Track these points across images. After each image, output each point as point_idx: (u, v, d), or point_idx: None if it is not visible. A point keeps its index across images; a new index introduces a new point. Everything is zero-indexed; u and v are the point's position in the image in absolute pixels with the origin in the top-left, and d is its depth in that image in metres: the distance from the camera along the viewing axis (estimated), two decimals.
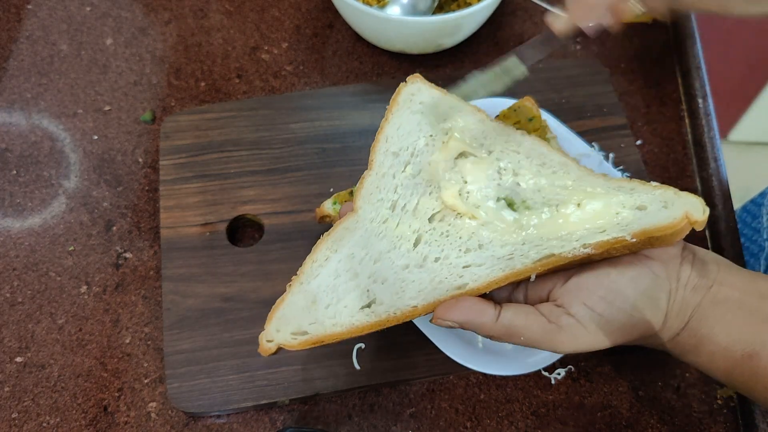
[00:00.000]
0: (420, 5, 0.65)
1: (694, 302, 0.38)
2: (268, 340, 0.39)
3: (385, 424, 0.50)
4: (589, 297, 0.37)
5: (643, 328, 0.37)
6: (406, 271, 0.40)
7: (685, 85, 0.68)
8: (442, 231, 0.40)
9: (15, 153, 0.62)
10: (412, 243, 0.40)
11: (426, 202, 0.41)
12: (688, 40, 0.69)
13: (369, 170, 0.43)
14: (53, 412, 0.50)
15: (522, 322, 0.37)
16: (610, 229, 0.37)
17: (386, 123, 0.44)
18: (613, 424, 0.51)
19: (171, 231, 0.56)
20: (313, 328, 0.39)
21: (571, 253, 0.37)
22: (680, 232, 0.36)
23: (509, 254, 0.39)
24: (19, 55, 0.68)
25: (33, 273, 0.56)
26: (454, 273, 0.39)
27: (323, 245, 0.41)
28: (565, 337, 0.37)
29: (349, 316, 0.39)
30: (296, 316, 0.39)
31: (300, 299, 0.40)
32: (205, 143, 0.60)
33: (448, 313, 0.37)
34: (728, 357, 0.37)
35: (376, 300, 0.39)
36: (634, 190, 0.38)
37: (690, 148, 0.64)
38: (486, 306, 0.37)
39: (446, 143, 0.43)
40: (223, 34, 0.70)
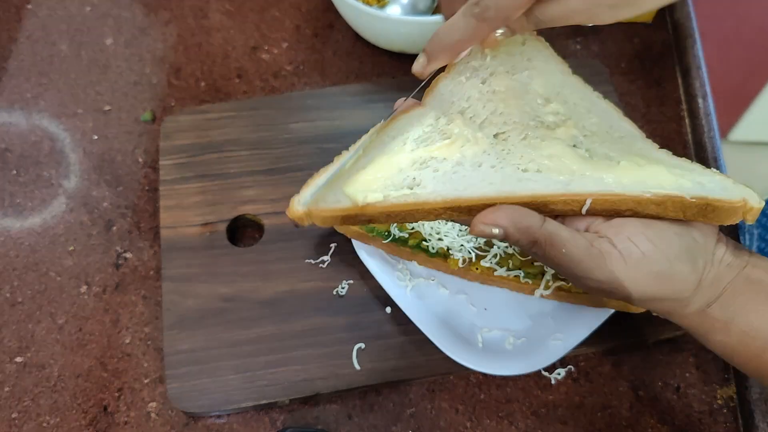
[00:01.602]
0: (420, 5, 0.65)
1: (729, 277, 0.37)
2: (300, 202, 0.38)
3: (385, 424, 0.50)
4: (635, 234, 0.36)
5: (678, 283, 0.37)
6: (458, 166, 0.39)
7: (685, 85, 0.68)
8: (504, 148, 0.40)
9: (15, 153, 0.62)
10: (471, 148, 0.40)
11: (496, 120, 0.41)
12: (688, 40, 0.69)
13: (445, 74, 0.43)
14: (53, 412, 0.50)
15: (567, 235, 0.36)
16: (670, 188, 0.37)
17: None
18: (613, 424, 0.51)
19: (171, 231, 0.56)
20: (347, 197, 0.38)
21: (630, 193, 0.36)
22: (735, 213, 0.36)
23: (566, 180, 0.38)
24: (19, 55, 0.68)
25: (33, 273, 0.56)
26: (508, 180, 0.38)
27: (385, 130, 0.40)
28: (604, 264, 0.36)
29: (390, 191, 0.38)
30: (335, 186, 0.38)
31: (344, 171, 0.39)
32: (205, 143, 0.60)
33: (492, 217, 0.36)
34: (758, 338, 0.37)
35: (421, 183, 0.38)
36: (695, 170, 0.38)
37: (690, 148, 0.64)
38: (530, 211, 0.36)
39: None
40: (223, 34, 0.70)
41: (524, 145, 0.40)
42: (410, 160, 0.39)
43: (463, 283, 0.53)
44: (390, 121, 0.41)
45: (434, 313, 0.51)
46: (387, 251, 0.53)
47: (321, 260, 0.55)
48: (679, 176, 0.38)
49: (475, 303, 0.52)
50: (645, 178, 0.37)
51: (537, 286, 0.51)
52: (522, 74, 0.43)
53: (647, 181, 0.37)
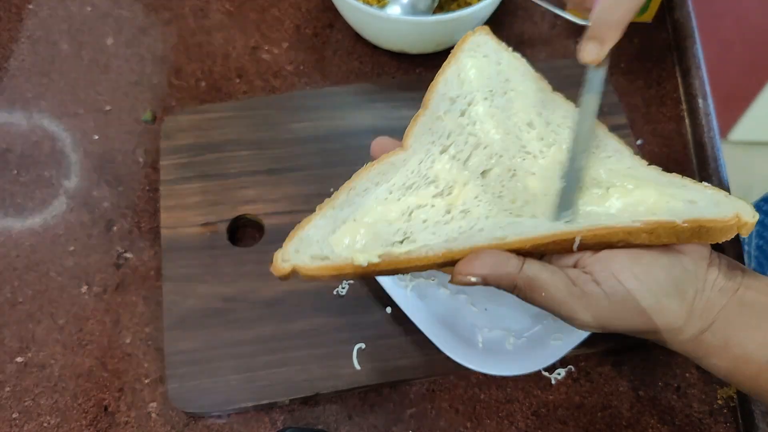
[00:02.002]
0: (420, 5, 0.65)
1: (721, 303, 0.37)
2: (284, 259, 0.37)
3: (385, 424, 0.50)
4: (620, 271, 0.36)
5: (666, 317, 0.36)
6: (448, 215, 0.38)
7: (685, 85, 0.68)
8: (494, 191, 0.39)
9: (15, 153, 0.62)
10: (459, 192, 0.39)
11: (480, 155, 0.40)
12: (688, 40, 0.69)
13: (423, 109, 0.42)
14: (54, 412, 0.50)
15: (547, 277, 0.36)
16: (661, 213, 0.36)
17: (447, 66, 0.43)
18: (613, 424, 0.51)
19: (171, 231, 0.56)
20: (336, 254, 0.37)
21: (620, 224, 0.36)
22: (729, 230, 0.36)
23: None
24: (20, 55, 0.68)
25: (33, 273, 0.56)
26: (496, 225, 0.38)
27: (365, 175, 0.39)
28: (587, 303, 0.36)
29: (378, 249, 0.37)
30: (320, 240, 0.37)
31: (329, 224, 0.38)
32: (205, 143, 0.60)
33: (469, 267, 0.36)
34: (753, 362, 0.37)
35: (410, 237, 0.37)
36: (686, 186, 0.38)
37: (690, 148, 0.64)
38: (509, 256, 0.36)
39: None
40: (223, 33, 0.70)
41: (513, 185, 0.39)
42: (398, 210, 0.38)
43: None
44: (373, 165, 0.40)
45: (434, 313, 0.51)
46: None
47: None
48: (669, 197, 0.37)
49: (475, 303, 0.52)
50: (635, 204, 0.37)
51: None
52: (501, 99, 0.42)
53: (638, 207, 0.37)
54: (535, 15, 0.72)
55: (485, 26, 0.45)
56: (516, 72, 0.44)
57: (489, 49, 0.44)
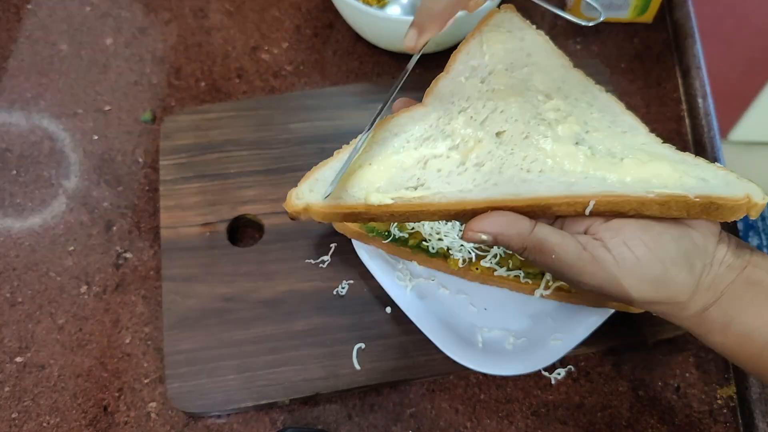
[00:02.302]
0: None
1: (728, 279, 0.37)
2: (298, 197, 0.37)
3: (385, 424, 0.50)
4: (631, 238, 0.36)
5: (674, 288, 0.37)
6: (462, 167, 0.39)
7: (685, 85, 0.68)
8: (506, 148, 0.39)
9: (15, 153, 0.62)
10: (473, 147, 0.39)
11: (496, 118, 0.41)
12: (688, 40, 0.69)
13: (444, 73, 0.42)
14: (53, 412, 0.50)
15: (557, 240, 0.36)
16: (673, 187, 0.37)
17: (471, 38, 0.44)
18: (613, 424, 0.51)
19: (171, 231, 0.56)
20: (349, 195, 0.37)
21: (634, 194, 0.36)
22: (739, 210, 0.36)
23: (570, 182, 0.38)
24: (19, 55, 0.68)
25: (33, 273, 0.56)
26: (511, 181, 0.38)
27: (384, 126, 0.40)
28: (596, 269, 0.36)
29: (394, 191, 0.37)
30: (336, 181, 0.38)
31: (344, 166, 0.38)
32: (205, 143, 0.60)
33: (481, 225, 0.36)
34: (757, 340, 0.37)
35: (424, 184, 0.38)
36: (699, 165, 0.38)
37: (690, 148, 0.64)
38: (520, 217, 0.36)
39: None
40: (223, 34, 0.70)
41: (527, 144, 0.39)
42: (413, 158, 0.39)
43: (463, 283, 0.53)
44: (391, 118, 0.41)
45: (434, 313, 0.51)
46: (387, 251, 0.53)
47: (321, 260, 0.55)
48: (682, 173, 0.37)
49: (475, 303, 0.52)
50: (648, 176, 0.37)
51: (537, 286, 0.51)
52: (521, 71, 0.43)
53: (651, 179, 0.37)
54: (535, 15, 0.72)
55: (511, 5, 0.46)
56: (539, 48, 0.44)
57: (513, 26, 0.45)
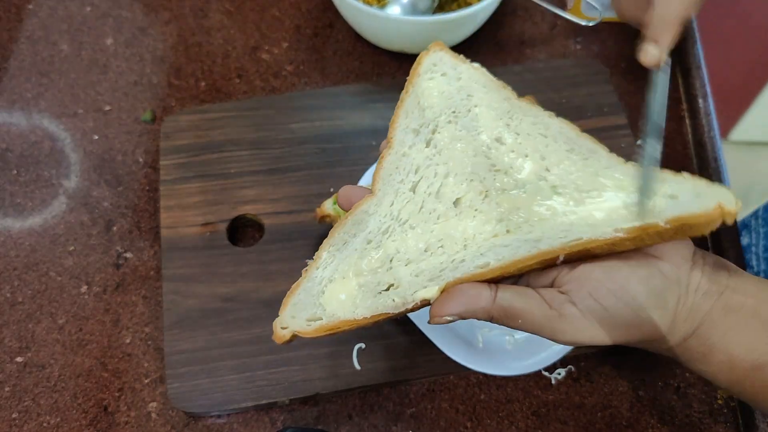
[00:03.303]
0: (420, 5, 0.65)
1: (705, 308, 0.36)
2: (283, 327, 0.37)
3: (385, 424, 0.50)
4: (597, 289, 0.35)
5: (649, 329, 0.36)
6: (427, 253, 0.38)
7: (685, 85, 0.68)
8: (467, 217, 0.38)
9: (15, 153, 0.62)
10: (434, 226, 0.38)
11: (450, 184, 0.39)
12: (688, 40, 0.69)
13: (388, 148, 0.41)
14: (53, 412, 0.50)
15: (521, 305, 0.36)
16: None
17: (406, 96, 0.42)
18: (613, 424, 0.51)
19: (171, 231, 0.56)
20: (328, 314, 0.37)
21: (602, 237, 0.35)
22: (713, 222, 0.35)
23: (537, 237, 0.37)
24: (20, 55, 0.68)
25: (33, 273, 0.56)
26: (477, 252, 0.37)
27: (341, 229, 0.39)
28: (566, 326, 0.35)
29: (369, 299, 0.37)
30: (311, 302, 0.37)
31: (316, 285, 0.38)
32: (205, 143, 0.60)
33: (443, 309, 0.36)
34: (738, 367, 0.36)
35: (395, 284, 0.37)
36: (666, 180, 0.37)
37: (690, 148, 0.64)
38: (481, 288, 0.36)
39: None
40: (223, 33, 0.70)
41: (487, 205, 0.38)
42: (379, 259, 0.38)
43: None
44: (346, 218, 0.40)
45: None
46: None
47: None
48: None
49: None
50: (615, 209, 0.36)
51: None
52: (465, 119, 0.41)
53: (619, 211, 0.36)
54: (535, 15, 0.72)
55: (438, 42, 0.43)
56: (477, 84, 0.42)
57: (446, 66, 0.43)
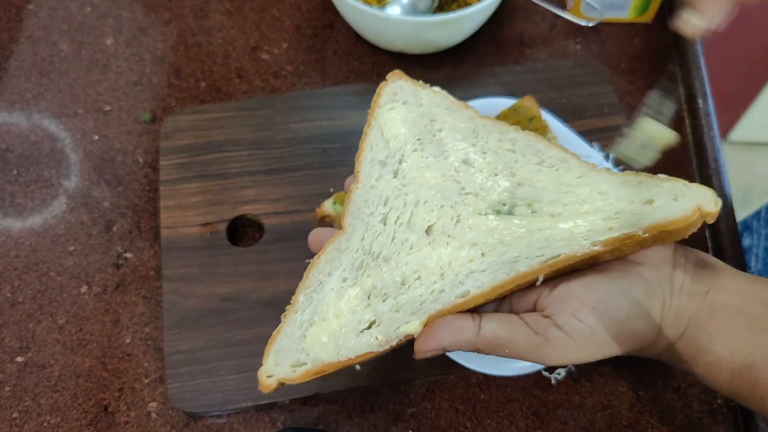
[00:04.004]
0: (420, 5, 0.65)
1: (690, 310, 0.36)
2: (268, 375, 0.37)
3: (385, 424, 0.50)
4: (579, 308, 0.35)
5: (636, 340, 0.36)
6: (404, 286, 0.37)
7: (685, 85, 0.68)
8: (441, 243, 0.38)
9: (15, 153, 0.62)
10: (408, 257, 0.38)
11: (421, 212, 0.39)
12: (688, 40, 0.69)
13: (356, 183, 0.40)
14: (54, 411, 0.50)
15: (506, 334, 0.35)
16: (620, 226, 0.35)
17: (369, 129, 0.42)
18: (613, 424, 0.51)
19: (171, 231, 0.56)
20: (312, 358, 0.37)
21: (580, 252, 0.35)
22: (693, 225, 0.35)
23: (514, 258, 0.36)
24: (20, 55, 0.68)
25: (33, 273, 0.56)
26: (455, 281, 0.37)
27: (315, 269, 0.39)
28: (552, 350, 0.35)
29: (351, 339, 0.36)
30: (294, 347, 0.37)
31: (296, 330, 0.37)
32: (205, 143, 0.60)
33: (427, 344, 0.35)
34: (727, 368, 0.36)
35: (376, 321, 0.37)
36: (642, 183, 0.37)
37: (690, 148, 0.64)
38: (464, 320, 0.35)
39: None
40: (223, 34, 0.70)
41: (460, 230, 0.38)
42: (356, 296, 0.37)
43: None
44: (317, 259, 0.39)
45: None
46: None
47: None
48: (627, 202, 0.36)
49: None
50: (593, 219, 0.36)
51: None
52: (431, 145, 0.41)
53: (596, 223, 0.36)
54: (535, 15, 0.72)
55: (397, 71, 0.43)
56: (440, 108, 0.42)
57: (406, 93, 0.42)
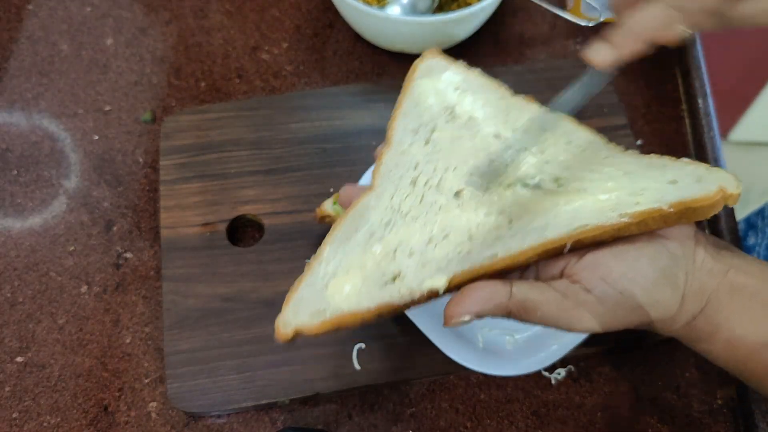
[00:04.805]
0: (420, 5, 0.65)
1: (711, 286, 0.37)
2: (286, 325, 0.37)
3: (385, 424, 0.50)
4: (608, 273, 0.36)
5: (661, 309, 0.36)
6: (431, 245, 0.37)
7: (685, 85, 0.68)
8: (469, 206, 0.38)
9: (15, 153, 0.62)
10: (437, 217, 0.38)
11: (450, 178, 0.39)
12: (688, 40, 0.69)
13: (387, 147, 0.41)
14: (54, 411, 0.50)
15: (538, 297, 0.36)
16: (645, 201, 0.36)
17: (403, 98, 0.43)
18: (613, 424, 0.51)
19: (171, 231, 0.56)
20: (333, 308, 0.36)
21: (608, 222, 0.35)
22: (716, 205, 0.35)
23: (542, 226, 0.37)
24: (20, 55, 0.68)
25: (33, 273, 0.56)
26: (483, 244, 0.37)
27: (343, 224, 0.39)
28: (582, 313, 0.35)
29: (373, 291, 0.36)
30: (315, 297, 0.37)
31: (318, 280, 0.37)
32: (205, 143, 0.60)
33: (459, 308, 0.35)
34: (743, 346, 0.37)
35: (399, 274, 0.37)
36: (666, 166, 0.37)
37: (690, 148, 0.64)
38: (496, 285, 0.36)
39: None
40: (223, 34, 0.70)
41: (488, 197, 0.38)
42: (382, 251, 0.38)
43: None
44: (348, 212, 0.40)
45: (434, 313, 0.51)
46: None
47: None
48: (652, 180, 0.37)
49: None
50: (619, 195, 0.37)
51: None
52: (463, 118, 0.41)
53: (621, 198, 0.36)
54: (535, 15, 0.72)
55: (433, 49, 0.44)
56: (474, 85, 0.43)
57: (442, 69, 0.43)
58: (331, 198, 0.54)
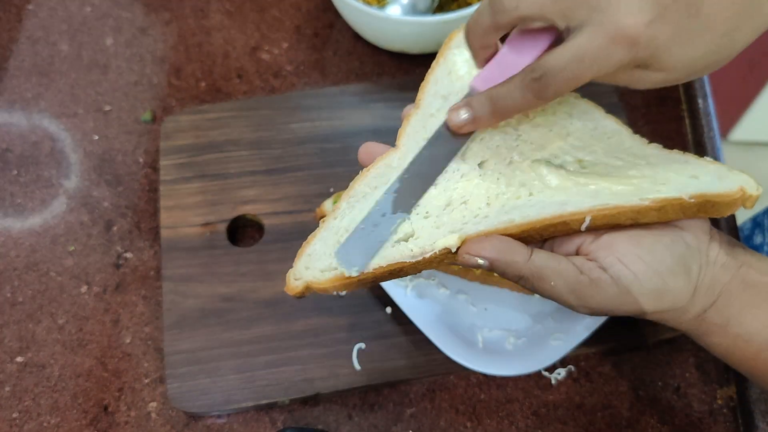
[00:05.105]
0: (420, 5, 0.65)
1: (724, 280, 0.37)
2: (296, 278, 0.37)
3: (385, 424, 0.50)
4: (625, 254, 0.36)
5: (674, 297, 0.36)
6: (449, 208, 0.38)
7: (685, 85, 0.68)
8: (491, 178, 0.38)
9: (15, 153, 0.62)
10: (457, 184, 0.38)
11: (475, 148, 0.40)
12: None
13: (415, 109, 0.41)
14: (54, 411, 0.50)
15: (555, 267, 0.36)
16: (667, 190, 0.36)
17: (436, 65, 0.43)
18: (613, 424, 0.51)
19: (171, 231, 0.56)
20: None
21: (629, 204, 0.36)
22: (734, 204, 0.36)
23: (562, 201, 0.37)
24: (20, 55, 0.68)
25: (33, 273, 0.56)
26: (501, 211, 0.37)
27: (362, 181, 0.39)
28: (596, 291, 0.35)
29: (383, 251, 0.36)
30: (327, 252, 0.37)
31: (332, 235, 0.38)
32: (205, 143, 0.60)
33: (477, 248, 0.35)
34: (754, 342, 0.37)
35: (414, 233, 0.37)
36: (688, 162, 0.38)
37: (690, 148, 0.64)
38: (517, 244, 0.36)
39: None
40: (223, 34, 0.70)
41: (511, 170, 0.38)
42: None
43: (463, 283, 0.53)
44: (369, 170, 0.40)
45: (434, 313, 0.51)
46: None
47: None
48: (674, 173, 0.37)
49: (475, 303, 0.52)
50: (640, 182, 0.37)
51: None
52: None
53: (643, 185, 0.37)
54: None
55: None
56: None
57: None
58: (331, 198, 0.54)
